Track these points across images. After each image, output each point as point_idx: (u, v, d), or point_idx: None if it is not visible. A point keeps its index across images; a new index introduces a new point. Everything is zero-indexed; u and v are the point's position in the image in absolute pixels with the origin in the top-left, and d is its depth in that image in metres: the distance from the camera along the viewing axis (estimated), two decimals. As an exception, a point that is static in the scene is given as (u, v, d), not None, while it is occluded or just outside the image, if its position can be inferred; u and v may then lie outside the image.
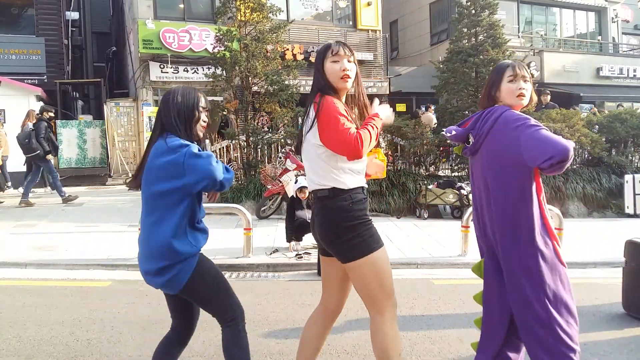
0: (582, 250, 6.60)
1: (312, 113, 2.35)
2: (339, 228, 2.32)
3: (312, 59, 15.31)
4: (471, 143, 2.52)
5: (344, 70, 2.37)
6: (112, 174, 13.75)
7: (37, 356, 3.34)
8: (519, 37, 19.10)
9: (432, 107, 13.94)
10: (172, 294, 2.31)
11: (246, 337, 2.37)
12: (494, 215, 2.43)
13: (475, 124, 2.50)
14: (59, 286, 5.11)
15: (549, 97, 11.40)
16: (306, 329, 2.60)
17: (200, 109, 2.32)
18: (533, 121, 2.31)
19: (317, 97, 2.36)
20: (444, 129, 2.64)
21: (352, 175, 2.36)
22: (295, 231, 6.39)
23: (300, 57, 14.20)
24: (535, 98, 2.59)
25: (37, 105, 12.83)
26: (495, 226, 2.45)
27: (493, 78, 2.54)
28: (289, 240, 6.39)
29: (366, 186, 2.44)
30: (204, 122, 2.35)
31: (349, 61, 2.40)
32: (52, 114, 10.35)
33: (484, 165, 2.47)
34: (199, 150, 2.20)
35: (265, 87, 9.97)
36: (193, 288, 2.25)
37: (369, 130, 2.31)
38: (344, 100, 2.46)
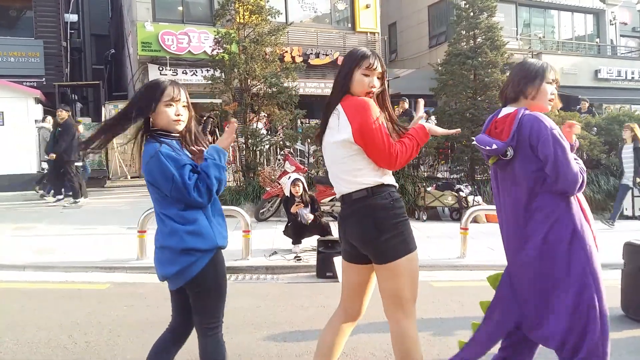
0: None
1: (341, 112, 2.30)
2: (382, 226, 2.28)
3: (311, 62, 15.41)
4: (509, 156, 2.39)
5: (372, 86, 2.35)
6: (110, 177, 13.73)
7: (35, 359, 3.33)
8: (517, 39, 19.14)
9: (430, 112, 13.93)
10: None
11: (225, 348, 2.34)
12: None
13: (514, 137, 2.35)
14: (57, 289, 5.10)
15: (587, 104, 12.30)
16: (325, 333, 2.55)
17: (161, 102, 2.17)
18: (559, 141, 2.27)
19: (346, 97, 2.33)
20: (474, 139, 2.52)
21: (387, 174, 2.36)
22: (293, 233, 6.40)
23: (299, 60, 14.24)
24: (559, 104, 2.54)
25: (36, 108, 12.84)
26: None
27: (533, 76, 2.43)
28: (294, 242, 6.38)
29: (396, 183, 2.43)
30: (177, 115, 2.20)
31: (378, 78, 2.38)
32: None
33: (515, 175, 2.41)
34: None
35: (264, 89, 9.98)
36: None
37: (408, 143, 2.30)
38: None
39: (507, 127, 2.39)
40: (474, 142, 2.52)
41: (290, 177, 6.92)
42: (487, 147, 2.43)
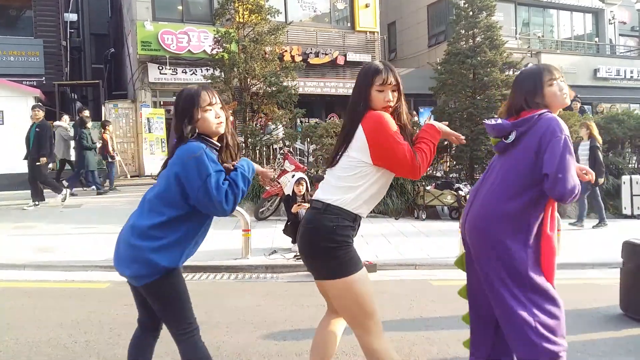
0: (579, 251, 6.62)
1: (359, 129, 2.28)
2: (316, 247, 2.28)
3: (311, 61, 15.42)
4: (511, 139, 2.42)
5: (387, 101, 2.34)
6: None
7: (36, 358, 3.33)
8: (516, 38, 19.15)
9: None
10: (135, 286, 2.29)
11: (205, 348, 2.32)
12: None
13: (524, 123, 2.39)
14: (57, 288, 5.10)
15: (579, 104, 12.10)
16: (318, 332, 2.57)
17: (200, 107, 2.22)
18: (568, 146, 2.28)
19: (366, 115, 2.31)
20: (486, 119, 2.56)
21: (365, 204, 2.31)
22: (293, 232, 6.40)
23: (298, 59, 14.23)
24: (572, 94, 2.56)
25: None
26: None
27: (530, 85, 2.45)
28: (294, 240, 6.39)
29: (363, 217, 2.37)
30: (217, 118, 2.25)
31: (392, 91, 2.36)
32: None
33: (505, 163, 2.45)
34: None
35: (264, 88, 9.98)
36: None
37: (426, 148, 2.30)
38: None
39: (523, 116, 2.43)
40: (484, 121, 2.55)
41: (294, 175, 6.92)
42: (492, 122, 2.47)
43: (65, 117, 12.29)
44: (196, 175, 2.08)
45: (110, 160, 11.58)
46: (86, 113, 11.49)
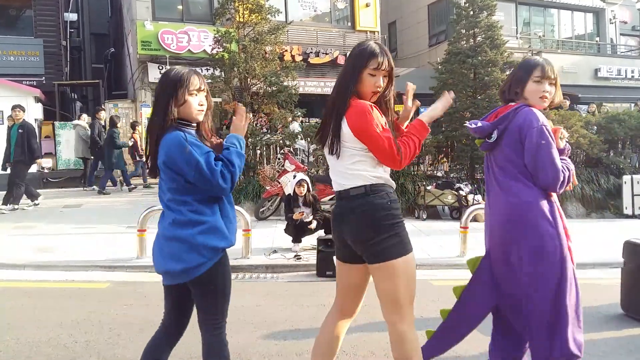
0: (580, 251, 6.57)
1: (343, 122, 2.28)
2: (378, 226, 2.24)
3: (311, 61, 15.40)
4: (493, 139, 2.48)
5: (377, 86, 2.32)
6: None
7: (36, 358, 3.33)
8: (517, 38, 19.14)
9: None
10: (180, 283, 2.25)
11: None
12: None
13: (502, 121, 2.46)
14: (57, 288, 5.10)
15: (568, 102, 11.95)
16: (321, 332, 2.55)
17: (187, 90, 2.17)
18: (544, 135, 2.32)
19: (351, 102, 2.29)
20: (467, 122, 2.60)
21: (387, 172, 2.35)
22: (294, 232, 6.39)
23: (298, 59, 14.22)
24: (558, 99, 2.56)
25: (36, 107, 12.87)
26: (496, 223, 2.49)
27: (520, 75, 2.51)
28: (294, 240, 6.38)
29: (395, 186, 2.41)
30: (200, 105, 2.22)
31: (384, 77, 2.34)
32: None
33: (497, 162, 2.50)
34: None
35: (264, 88, 9.98)
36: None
37: (410, 143, 2.29)
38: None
39: (501, 113, 2.51)
40: (465, 124, 2.58)
41: (295, 176, 6.91)
42: (473, 125, 2.51)
43: (84, 116, 12.43)
44: (185, 165, 2.07)
45: (138, 159, 11.87)
46: (103, 113, 11.78)
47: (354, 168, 2.30)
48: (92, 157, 11.73)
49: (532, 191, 2.38)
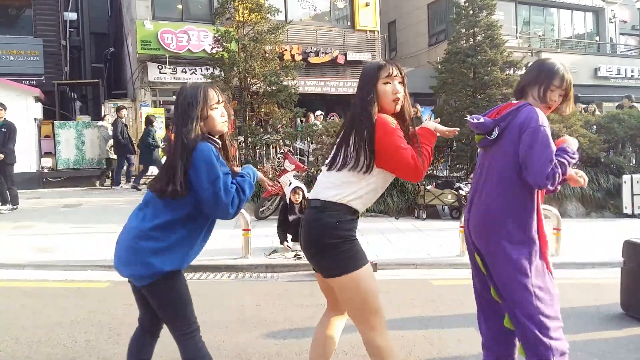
0: (580, 251, 6.61)
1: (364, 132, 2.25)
2: (321, 244, 2.27)
3: (311, 60, 15.40)
4: (494, 136, 2.47)
5: (395, 92, 2.32)
6: (110, 175, 13.72)
7: (35, 358, 3.33)
8: (517, 37, 19.13)
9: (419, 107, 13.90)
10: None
11: (205, 348, 2.33)
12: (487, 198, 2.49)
13: (504, 118, 2.45)
14: (57, 287, 5.10)
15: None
16: (317, 331, 2.57)
17: (208, 105, 2.21)
18: (539, 135, 2.32)
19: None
20: (469, 116, 2.58)
21: (361, 200, 2.30)
22: (293, 232, 6.40)
23: (298, 58, 14.20)
24: (569, 110, 2.58)
25: (36, 107, 12.86)
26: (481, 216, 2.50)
27: (543, 78, 2.48)
28: (282, 241, 6.40)
29: (361, 211, 2.37)
30: (222, 116, 2.26)
31: (399, 82, 2.35)
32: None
33: (493, 161, 2.49)
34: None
35: (264, 87, 9.97)
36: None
37: (426, 152, 2.30)
38: None
39: (503, 111, 2.50)
40: (466, 117, 2.57)
41: (291, 183, 6.92)
42: (475, 120, 2.50)
43: (108, 117, 12.48)
44: (205, 178, 2.08)
45: None
46: (124, 112, 11.83)
47: (332, 185, 2.30)
48: (117, 157, 11.79)
49: (515, 197, 2.40)
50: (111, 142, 11.75)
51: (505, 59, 10.90)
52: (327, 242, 2.26)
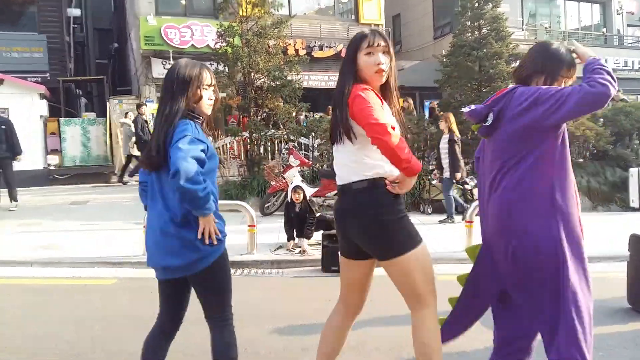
0: (586, 244, 6.57)
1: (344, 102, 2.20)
2: (383, 223, 2.19)
3: (315, 54, 15.35)
4: (489, 122, 2.31)
5: (378, 64, 2.23)
6: (116, 172, 13.77)
7: (41, 353, 3.35)
8: (523, 29, 18.99)
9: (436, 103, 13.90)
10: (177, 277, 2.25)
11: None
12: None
13: (497, 102, 2.30)
14: (64, 284, 5.13)
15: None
16: (326, 327, 2.54)
17: (201, 85, 2.23)
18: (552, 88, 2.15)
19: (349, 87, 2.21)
20: (463, 108, 2.50)
21: (393, 167, 2.18)
22: (298, 227, 6.40)
23: (302, 52, 14.17)
24: None
25: (41, 104, 12.90)
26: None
27: (549, 68, 2.29)
28: (289, 239, 6.39)
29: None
30: (210, 100, 2.28)
31: (384, 53, 2.25)
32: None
33: (497, 145, 2.30)
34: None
35: (268, 82, 9.96)
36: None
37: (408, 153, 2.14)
38: None
39: (495, 97, 2.34)
40: (462, 110, 2.50)
41: (292, 183, 6.92)
42: (467, 109, 2.39)
43: (131, 115, 12.56)
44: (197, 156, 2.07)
45: None
46: (144, 108, 11.84)
47: (356, 158, 2.22)
48: (140, 153, 11.87)
49: (530, 182, 2.19)
50: (134, 138, 11.77)
51: (511, 51, 10.83)
52: (387, 220, 2.19)
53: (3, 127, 8.92)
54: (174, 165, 2.00)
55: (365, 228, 2.24)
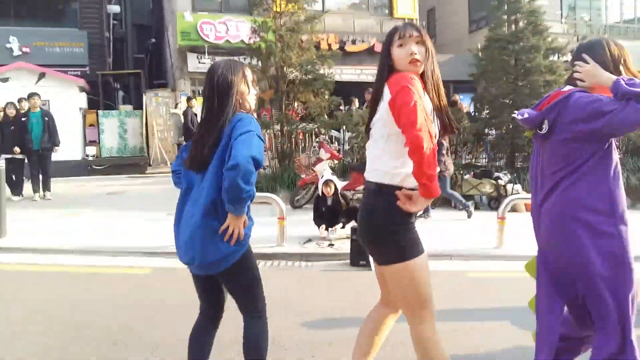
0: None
1: (386, 92, 2.14)
2: (377, 230, 2.20)
3: (347, 49, 15.32)
4: (544, 130, 2.22)
5: (412, 54, 2.16)
6: (151, 163, 14.11)
7: (81, 337, 3.50)
8: (562, 22, 18.45)
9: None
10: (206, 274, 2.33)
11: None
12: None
13: (552, 109, 2.20)
14: (101, 272, 5.32)
15: None
16: (365, 323, 2.52)
17: (249, 83, 2.33)
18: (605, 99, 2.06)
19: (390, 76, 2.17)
20: (516, 112, 2.36)
21: (408, 173, 2.09)
22: (327, 222, 6.45)
23: (335, 47, 14.16)
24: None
25: (81, 96, 13.31)
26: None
27: (615, 60, 2.21)
28: (318, 226, 6.47)
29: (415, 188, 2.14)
30: (255, 96, 2.38)
31: (417, 43, 2.19)
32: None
33: (552, 154, 2.24)
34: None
35: (300, 76, 10.00)
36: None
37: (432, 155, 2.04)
38: None
39: (553, 100, 2.24)
40: (513, 114, 2.41)
41: (323, 176, 6.96)
42: (520, 117, 2.29)
43: (180, 106, 12.91)
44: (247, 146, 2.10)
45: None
46: (194, 101, 12.13)
47: (375, 162, 2.22)
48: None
49: (585, 192, 2.14)
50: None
51: (548, 45, 10.55)
52: (383, 229, 2.18)
53: (46, 118, 9.25)
54: (235, 159, 2.04)
55: (362, 230, 2.29)
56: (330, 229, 6.45)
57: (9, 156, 8.73)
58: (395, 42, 2.22)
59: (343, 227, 6.51)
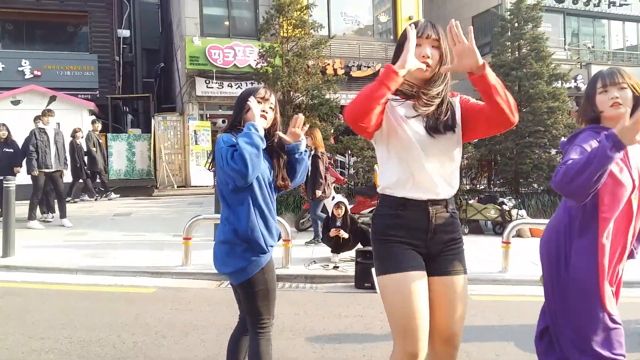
0: (628, 269, 6.36)
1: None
2: (368, 238, 2.26)
3: (353, 74, 15.52)
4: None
5: (424, 56, 2.02)
6: (158, 186, 14.21)
7: (87, 356, 3.52)
8: (565, 49, 18.68)
9: None
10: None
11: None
12: None
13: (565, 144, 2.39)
14: (107, 292, 5.35)
15: None
16: None
17: (251, 98, 2.42)
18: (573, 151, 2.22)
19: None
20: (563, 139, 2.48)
21: (390, 180, 2.04)
22: (333, 244, 6.48)
23: (340, 72, 14.36)
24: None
25: (90, 119, 13.51)
26: None
27: (587, 91, 2.41)
28: (328, 244, 6.56)
29: (413, 199, 1.99)
30: (262, 111, 2.43)
31: (433, 46, 2.03)
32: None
33: None
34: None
35: (306, 101, 10.15)
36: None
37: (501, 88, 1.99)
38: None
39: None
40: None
41: (334, 197, 7.03)
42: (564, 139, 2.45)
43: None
44: (219, 157, 2.30)
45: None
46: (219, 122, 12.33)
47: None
48: None
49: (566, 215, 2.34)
50: None
51: (551, 71, 10.68)
52: (370, 237, 2.19)
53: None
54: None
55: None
56: (333, 254, 6.47)
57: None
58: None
59: (353, 244, 6.52)
